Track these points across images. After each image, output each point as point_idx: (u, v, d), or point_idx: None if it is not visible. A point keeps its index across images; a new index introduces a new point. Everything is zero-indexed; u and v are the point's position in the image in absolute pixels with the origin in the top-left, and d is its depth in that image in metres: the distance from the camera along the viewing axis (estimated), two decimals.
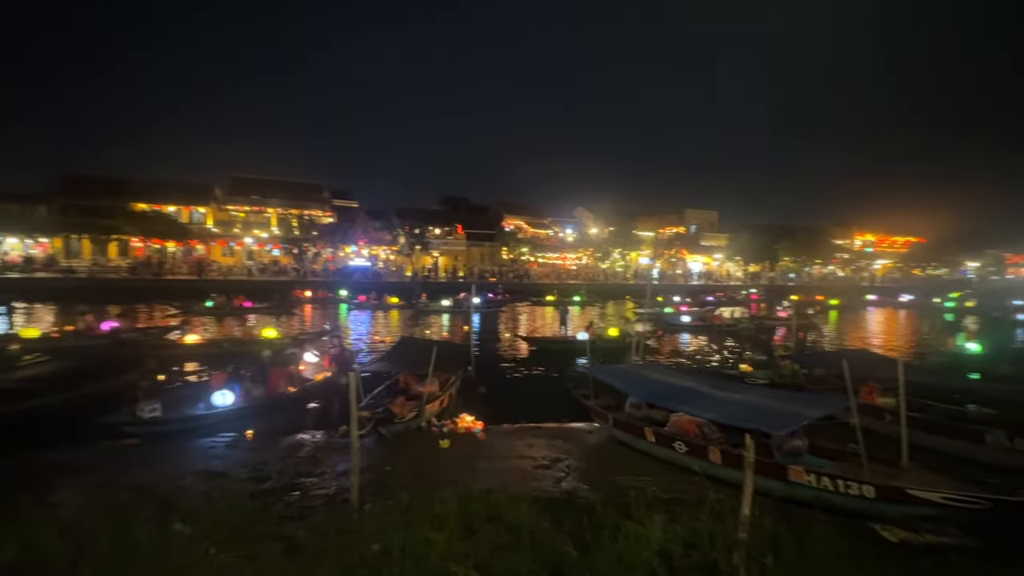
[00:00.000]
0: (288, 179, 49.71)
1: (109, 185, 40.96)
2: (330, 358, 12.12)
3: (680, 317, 25.88)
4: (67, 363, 10.85)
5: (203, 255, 42.48)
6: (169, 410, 8.67)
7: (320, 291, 32.69)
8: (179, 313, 23.23)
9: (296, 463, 7.45)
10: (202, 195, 45.08)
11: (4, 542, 3.41)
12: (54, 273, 33.47)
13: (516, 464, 7.71)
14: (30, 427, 8.35)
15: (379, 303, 30.25)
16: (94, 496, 5.17)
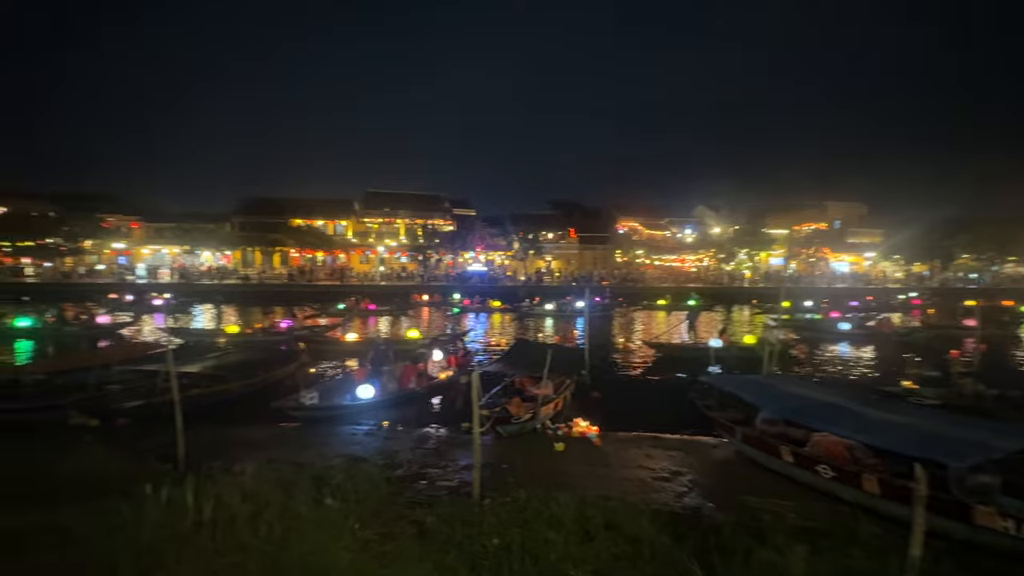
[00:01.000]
0: (414, 191, 54.00)
1: (274, 205, 48.31)
2: (454, 358, 12.91)
3: (837, 324, 22.69)
4: (248, 355, 12.93)
5: (344, 263, 47.97)
6: (324, 399, 9.93)
7: (435, 295, 34.98)
8: (318, 314, 26.53)
9: (423, 454, 8.05)
10: (344, 210, 50.98)
11: (205, 499, 4.19)
12: (235, 280, 40.32)
13: (633, 474, 7.47)
14: (219, 407, 10.11)
15: (482, 306, 31.43)
16: (266, 469, 6.10)
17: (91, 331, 19.66)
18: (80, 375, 10.44)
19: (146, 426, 8.66)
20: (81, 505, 4.05)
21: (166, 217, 47.81)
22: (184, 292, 33.46)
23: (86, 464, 5.56)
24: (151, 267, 43.52)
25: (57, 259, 42.42)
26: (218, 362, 12.68)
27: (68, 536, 3.46)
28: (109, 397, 9.74)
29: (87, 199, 46.72)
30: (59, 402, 9.59)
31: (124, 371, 10.48)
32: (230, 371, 11.67)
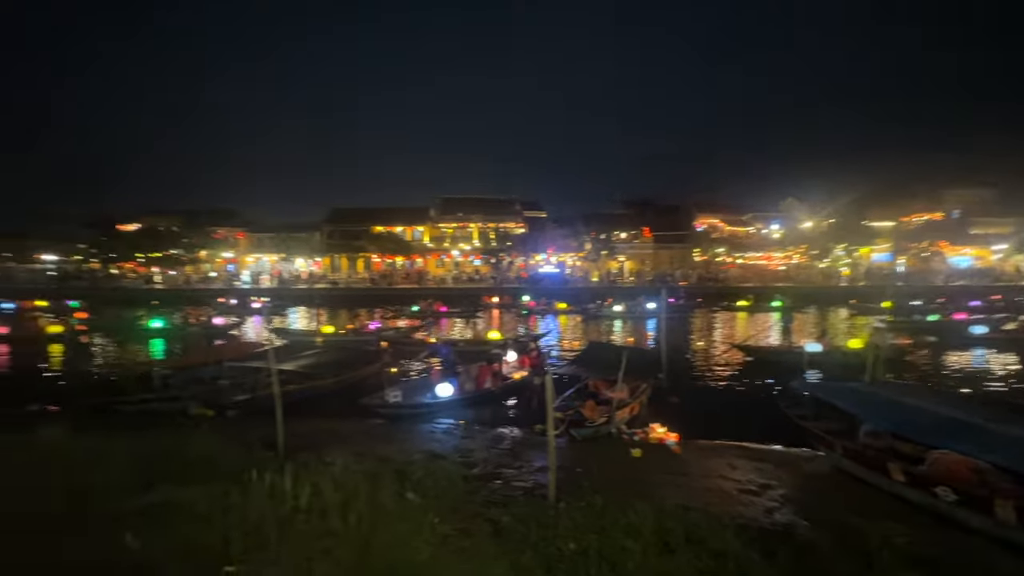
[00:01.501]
0: (486, 196, 55.15)
1: (358, 214, 51.58)
2: (528, 359, 13.01)
3: (968, 328, 19.88)
4: (337, 354, 13.87)
5: (421, 267, 50.07)
6: (406, 397, 10.43)
7: (505, 297, 35.39)
8: (394, 316, 27.82)
9: (498, 454, 8.18)
10: (420, 216, 53.24)
11: (302, 487, 4.54)
12: (324, 285, 43.52)
13: (716, 484, 7.08)
14: (312, 402, 10.94)
15: (548, 308, 31.22)
16: (354, 461, 6.50)
17: (208, 331, 22.12)
18: (198, 371, 11.80)
19: (252, 417, 9.58)
20: (201, 485, 4.56)
21: (266, 228, 52.69)
22: (281, 296, 36.69)
23: (204, 450, 6.25)
24: (254, 273, 48.21)
25: (179, 268, 48.27)
26: (311, 361, 13.72)
27: (192, 511, 3.92)
28: (221, 391, 10.90)
29: (202, 214, 52.73)
30: (182, 394, 10.91)
31: (234, 368, 11.67)
32: (321, 369, 12.58)
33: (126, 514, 3.96)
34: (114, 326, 23.51)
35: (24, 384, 13.57)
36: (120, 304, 31.39)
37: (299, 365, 12.74)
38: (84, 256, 49.53)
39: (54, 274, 48.17)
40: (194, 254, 48.69)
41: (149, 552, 3.36)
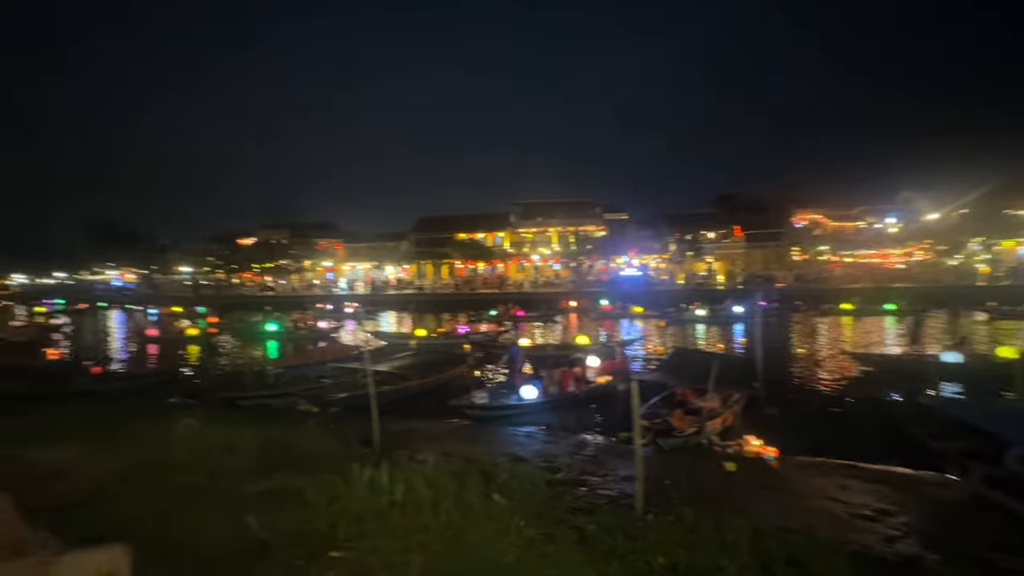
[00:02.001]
0: (566, 200, 55.05)
1: (442, 222, 53.90)
2: (610, 364, 12.78)
3: None
4: (424, 357, 14.59)
5: (502, 272, 51.07)
6: (491, 399, 10.68)
7: (583, 300, 34.89)
8: (474, 320, 28.50)
9: (581, 460, 8.10)
10: (501, 222, 54.38)
11: (396, 482, 4.83)
12: (411, 291, 45.90)
13: (822, 505, 6.46)
14: (402, 402, 11.53)
15: (623, 312, 30.21)
16: (442, 460, 6.79)
17: (314, 334, 24.24)
18: (305, 370, 12.99)
19: (350, 414, 10.35)
20: (310, 475, 5.02)
21: (360, 239, 56.79)
22: (372, 302, 39.24)
23: (311, 443, 6.87)
24: (350, 280, 52.13)
25: (287, 277, 53.51)
26: (401, 363, 14.56)
27: (302, 498, 4.33)
28: (324, 389, 11.90)
29: (307, 228, 58.11)
30: (291, 391, 12.07)
31: (335, 368, 12.71)
32: (411, 371, 13.30)
33: (251, 496, 4.47)
34: (238, 329, 26.62)
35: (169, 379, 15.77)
36: (240, 309, 35.46)
37: (391, 366, 13.56)
38: (212, 267, 56.64)
39: (189, 283, 55.64)
40: (300, 264, 53.73)
41: (269, 532, 3.76)
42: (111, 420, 7.74)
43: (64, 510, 3.96)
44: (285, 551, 3.56)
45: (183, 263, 61.09)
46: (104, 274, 65.98)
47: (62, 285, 66.55)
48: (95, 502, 4.26)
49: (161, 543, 3.36)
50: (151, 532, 3.58)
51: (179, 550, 3.41)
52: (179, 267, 61.34)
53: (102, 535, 3.39)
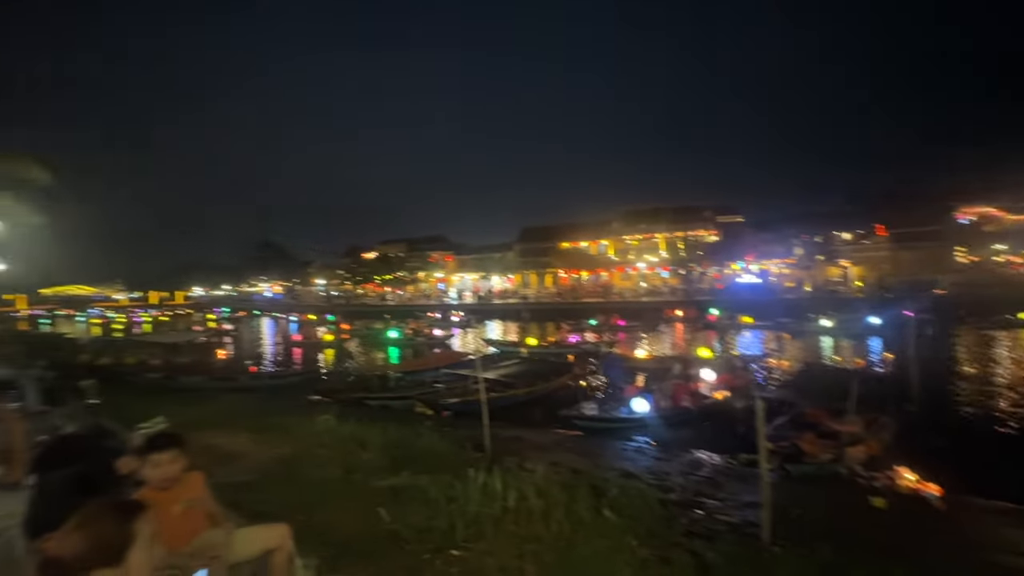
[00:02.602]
0: (673, 205, 52.61)
1: (545, 232, 54.57)
2: (729, 379, 11.91)
3: None
4: (530, 365, 14.83)
5: (607, 280, 50.16)
6: (601, 410, 10.52)
7: (690, 310, 32.77)
8: (572, 329, 28.13)
9: (697, 481, 7.62)
10: (604, 230, 53.55)
11: (509, 489, 4.97)
12: (516, 300, 46.95)
13: (1008, 561, 5.35)
14: (508, 409, 11.72)
15: (731, 321, 27.65)
16: (551, 471, 6.83)
17: (430, 341, 25.95)
18: (421, 375, 13.92)
19: (461, 419, 10.85)
20: (430, 475, 5.37)
21: (468, 250, 59.62)
22: (479, 311, 40.81)
23: (429, 444, 7.33)
24: (459, 291, 54.88)
25: (404, 287, 57.90)
26: (508, 371, 14.95)
27: (426, 496, 4.65)
28: (438, 393, 12.63)
29: (422, 241, 62.61)
30: (409, 394, 13.00)
31: (447, 374, 13.44)
32: (517, 379, 13.59)
33: (381, 490, 4.90)
34: (364, 335, 29.40)
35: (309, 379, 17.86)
36: (363, 317, 39.07)
37: (498, 374, 13.99)
38: (341, 280, 63.33)
39: (323, 294, 62.78)
40: (414, 275, 57.92)
41: (399, 525, 4.09)
42: (267, 414, 8.96)
43: (236, 489, 4.69)
44: (413, 544, 3.85)
45: (319, 276, 69.25)
46: (259, 287, 77.12)
47: (228, 296, 79.15)
48: (259, 484, 4.98)
49: (309, 526, 3.83)
50: (301, 515, 4.10)
51: (324, 533, 3.85)
52: (316, 280, 69.60)
53: (266, 513, 3.97)
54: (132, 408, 8.79)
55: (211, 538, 2.41)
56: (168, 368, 17.79)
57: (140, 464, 2.64)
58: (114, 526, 1.31)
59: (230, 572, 2.34)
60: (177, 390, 15.27)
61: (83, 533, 1.28)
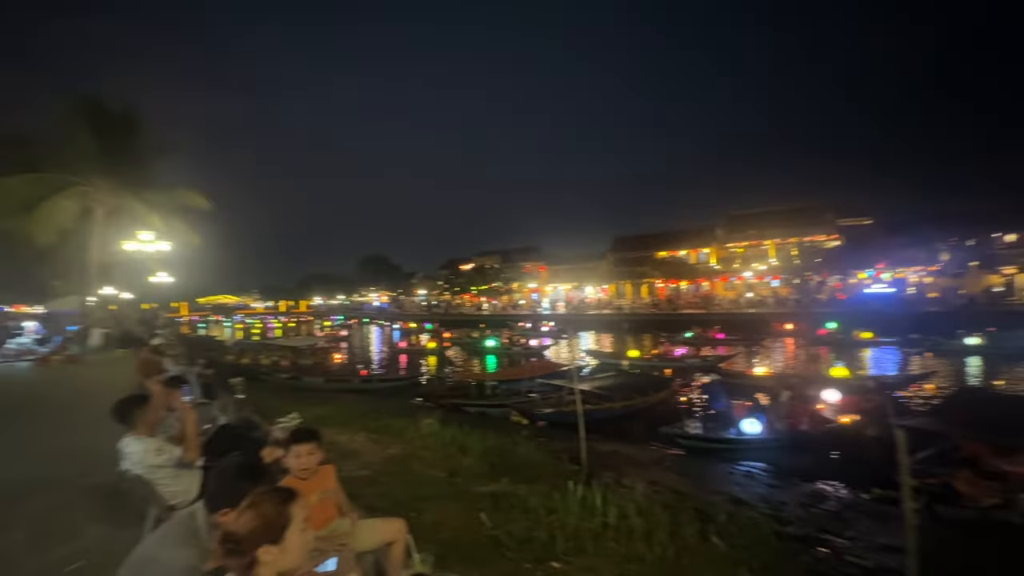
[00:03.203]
0: (785, 207, 48.21)
1: (640, 241, 52.87)
2: (856, 401, 10.61)
3: None
4: (626, 378, 14.41)
5: (708, 291, 47.16)
6: (707, 429, 9.89)
7: (801, 323, 29.43)
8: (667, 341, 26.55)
9: (819, 515, 6.85)
10: (705, 237, 50.50)
11: (608, 505, 4.86)
12: (610, 310, 45.90)
13: None
14: (603, 423, 11.36)
15: (846, 337, 24.20)
16: (651, 490, 6.56)
17: (525, 351, 26.26)
18: (517, 384, 14.15)
19: (555, 430, 10.82)
20: (528, 484, 5.44)
21: (561, 260, 59.62)
22: (571, 321, 40.49)
23: (526, 453, 7.42)
24: (552, 301, 55.00)
25: (498, 298, 59.38)
26: (603, 383, 14.65)
27: (525, 505, 4.71)
28: (533, 403, 12.73)
29: (516, 252, 63.95)
30: (504, 403, 13.26)
31: (542, 383, 13.52)
32: (612, 392, 13.25)
33: (482, 495, 5.06)
34: (464, 344, 30.60)
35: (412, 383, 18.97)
36: (459, 326, 40.66)
37: (593, 386, 13.75)
38: (440, 290, 66.72)
39: (424, 304, 66.60)
40: (509, 286, 59.17)
41: (500, 531, 4.19)
42: (378, 415, 9.69)
43: (354, 483, 5.13)
44: (514, 552, 3.92)
45: (421, 287, 73.75)
46: (369, 297, 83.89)
47: (342, 305, 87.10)
48: (374, 480, 5.39)
49: (419, 523, 4.06)
50: (412, 511, 4.37)
51: (432, 532, 4.07)
52: (418, 290, 74.17)
53: (381, 508, 4.29)
54: (268, 403, 10.02)
55: (340, 527, 2.67)
56: (294, 369, 19.97)
57: (282, 454, 3.01)
58: (276, 508, 1.52)
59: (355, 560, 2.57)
60: (300, 389, 17.10)
61: (253, 513, 1.50)
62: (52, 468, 5.08)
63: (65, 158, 19.21)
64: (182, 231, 22.70)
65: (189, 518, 1.90)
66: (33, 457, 5.42)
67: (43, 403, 8.65)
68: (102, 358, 15.42)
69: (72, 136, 19.28)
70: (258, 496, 1.56)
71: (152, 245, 19.16)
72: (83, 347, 17.08)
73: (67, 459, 5.33)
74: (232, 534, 1.49)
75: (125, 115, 21.20)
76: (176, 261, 25.52)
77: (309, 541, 1.62)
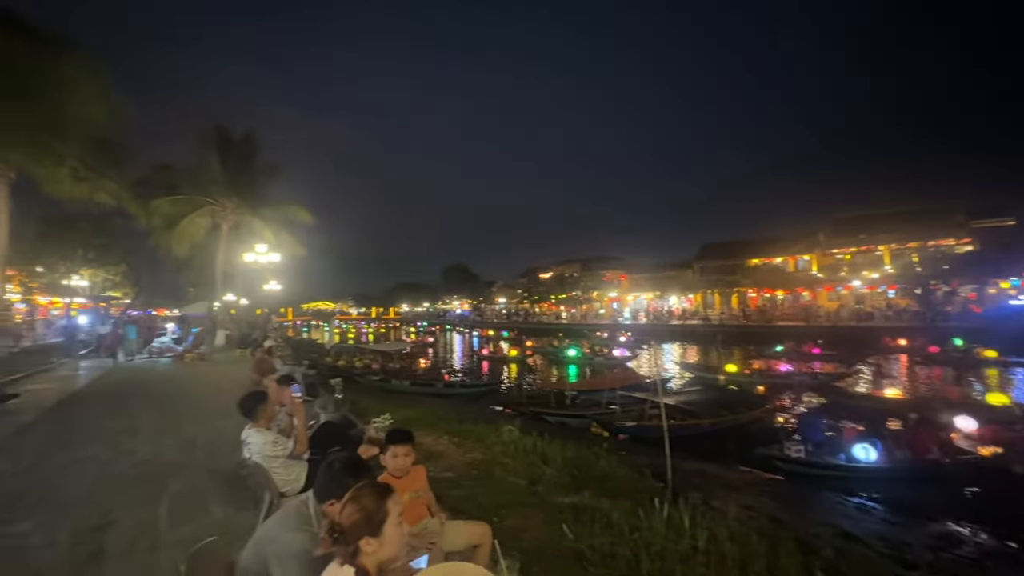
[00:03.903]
0: (902, 208, 42.95)
1: (730, 247, 49.76)
2: (998, 431, 9.11)
3: None
4: (715, 394, 13.60)
5: (809, 301, 43.10)
6: (812, 453, 8.97)
7: (918, 339, 25.62)
8: (756, 356, 24.36)
9: (952, 561, 5.95)
10: (806, 243, 46.32)
11: (699, 527, 4.59)
12: (696, 321, 43.54)
13: None
14: (688, 439, 10.69)
15: (963, 356, 20.51)
16: (744, 515, 6.09)
17: (608, 361, 25.64)
18: (597, 394, 13.87)
19: (637, 444, 10.43)
20: (611, 499, 5.29)
21: (643, 269, 57.76)
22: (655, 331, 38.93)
23: (607, 467, 7.24)
24: (632, 311, 53.35)
25: (578, 307, 58.76)
26: (690, 397, 13.92)
27: (608, 520, 4.59)
28: (614, 415, 12.39)
29: (596, 260, 63.10)
30: (584, 413, 13.04)
31: (623, 395, 13.13)
32: (699, 407, 12.54)
33: (564, 506, 5.01)
34: (545, 352, 30.63)
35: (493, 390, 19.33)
36: (539, 335, 40.75)
37: (678, 400, 13.12)
38: (520, 299, 67.46)
39: (504, 312, 67.67)
40: (589, 294, 58.33)
41: (582, 544, 4.11)
42: (460, 419, 9.97)
43: (440, 484, 5.31)
44: (597, 568, 3.83)
45: (501, 295, 75.15)
46: (452, 304, 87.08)
47: (427, 312, 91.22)
48: (458, 483, 5.55)
49: (502, 529, 4.10)
50: (495, 516, 4.43)
51: (515, 539, 4.09)
52: (498, 299, 75.65)
53: (465, 511, 4.40)
54: (361, 403, 10.73)
55: (430, 526, 2.78)
56: (384, 372, 21.19)
57: (377, 452, 3.20)
58: (375, 503, 1.63)
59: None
60: (389, 391, 18.10)
61: (354, 506, 1.62)
62: (187, 453, 5.82)
63: (200, 180, 22.15)
64: (290, 243, 25.16)
65: (302, 505, 2.08)
66: (173, 443, 6.25)
67: (179, 394, 9.95)
68: (224, 356, 17.43)
69: (205, 161, 22.20)
70: (359, 490, 1.67)
71: (265, 256, 21.41)
72: (210, 346, 19.44)
73: (199, 445, 6.08)
74: (337, 524, 1.61)
75: (246, 140, 24.03)
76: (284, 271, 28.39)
77: (404, 536, 1.70)
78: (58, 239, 26.43)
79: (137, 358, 16.73)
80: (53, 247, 26.34)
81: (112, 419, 7.55)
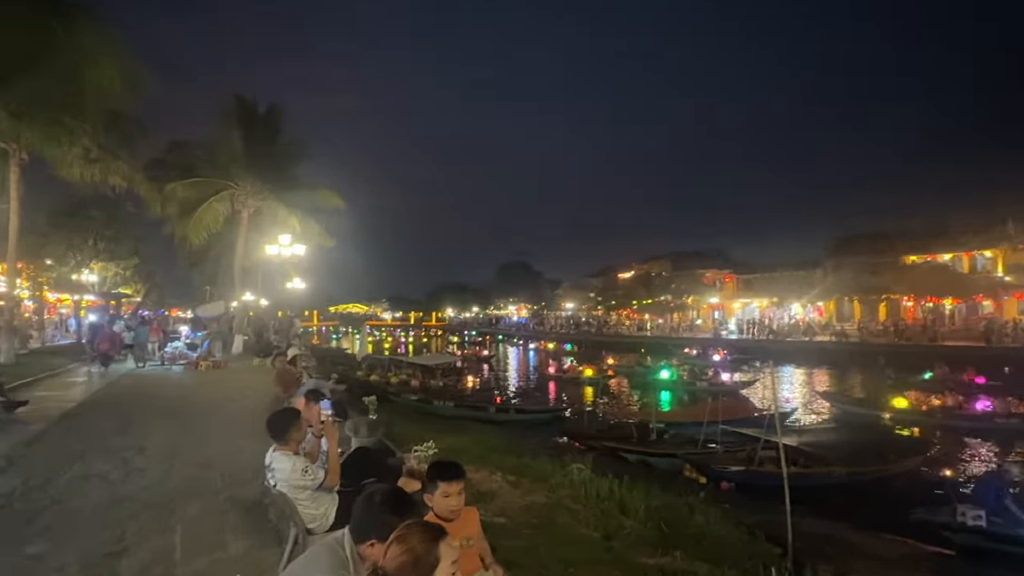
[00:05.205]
0: None
1: (876, 241, 46.62)
2: None
3: None
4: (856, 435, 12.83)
5: (992, 312, 39.54)
6: (999, 521, 8.14)
7: None
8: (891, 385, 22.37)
9: None
10: (988, 234, 42.44)
11: None
12: (826, 336, 41.17)
13: None
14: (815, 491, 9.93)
15: None
16: None
17: (714, 387, 24.70)
18: (692, 428, 13.52)
19: (746, 494, 10.05)
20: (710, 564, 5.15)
21: (755, 268, 55.40)
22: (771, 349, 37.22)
23: (705, 522, 7.05)
24: (740, 321, 51.29)
25: (667, 315, 57.34)
26: (816, 438, 13.23)
27: None
28: (714, 456, 12.02)
29: (691, 257, 61.28)
30: (675, 452, 12.74)
31: (726, 431, 12.71)
32: (831, 451, 11.88)
33: (649, 569, 4.94)
34: (630, 373, 30.16)
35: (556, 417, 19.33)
36: (612, 349, 40.16)
37: (801, 441, 12.50)
38: (593, 304, 66.86)
39: (570, 320, 67.37)
40: (682, 299, 56.68)
41: None
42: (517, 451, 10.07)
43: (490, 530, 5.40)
44: None
45: (568, 299, 74.77)
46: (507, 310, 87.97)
47: (476, 318, 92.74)
48: (513, 530, 5.61)
49: None
50: None
51: None
52: (564, 303, 75.35)
53: (521, 564, 4.44)
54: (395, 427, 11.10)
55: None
56: (424, 390, 21.77)
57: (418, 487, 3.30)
58: (425, 546, 1.68)
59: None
60: (428, 413, 18.57)
61: (401, 548, 1.68)
62: (202, 475, 6.29)
63: (219, 159, 23.88)
64: (317, 233, 26.50)
65: (337, 546, 2.18)
66: (188, 462, 6.77)
67: (194, 408, 10.76)
68: (242, 365, 18.62)
69: (226, 136, 23.90)
70: (406, 530, 1.74)
71: (289, 249, 22.66)
72: (227, 353, 20.84)
73: (215, 466, 6.54)
74: (380, 568, 1.68)
75: (269, 115, 25.57)
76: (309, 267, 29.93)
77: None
78: (67, 228, 29.38)
79: (149, 365, 18.22)
80: (62, 237, 29.31)
81: (124, 434, 8.30)
